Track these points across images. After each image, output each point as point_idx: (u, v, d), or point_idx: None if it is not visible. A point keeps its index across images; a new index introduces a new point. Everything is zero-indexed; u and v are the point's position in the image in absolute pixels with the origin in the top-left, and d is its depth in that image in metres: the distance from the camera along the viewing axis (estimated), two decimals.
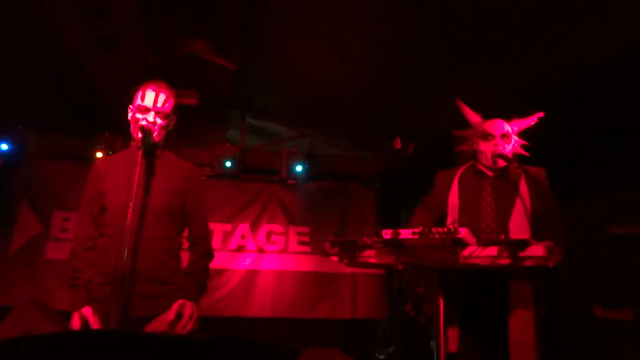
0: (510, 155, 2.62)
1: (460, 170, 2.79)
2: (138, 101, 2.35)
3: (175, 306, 2.22)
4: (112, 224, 2.23)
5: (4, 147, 5.62)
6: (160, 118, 2.33)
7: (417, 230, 1.95)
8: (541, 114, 2.72)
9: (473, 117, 2.80)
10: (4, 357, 0.88)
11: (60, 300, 5.24)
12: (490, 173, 2.68)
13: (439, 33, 4.10)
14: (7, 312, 4.41)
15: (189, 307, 2.24)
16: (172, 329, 2.19)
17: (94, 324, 2.15)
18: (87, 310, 2.18)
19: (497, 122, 2.71)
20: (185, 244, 2.45)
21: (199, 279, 2.37)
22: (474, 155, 2.76)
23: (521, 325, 2.32)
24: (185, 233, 2.47)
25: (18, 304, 4.63)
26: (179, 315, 2.21)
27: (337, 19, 4.32)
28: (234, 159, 6.05)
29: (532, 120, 2.74)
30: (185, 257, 2.44)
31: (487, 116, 2.78)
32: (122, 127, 2.53)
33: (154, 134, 2.29)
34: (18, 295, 5.25)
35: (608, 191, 3.86)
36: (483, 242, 1.91)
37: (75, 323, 2.18)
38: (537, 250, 1.84)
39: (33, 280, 5.49)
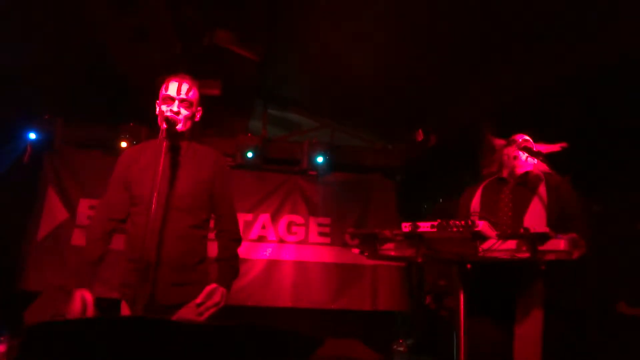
0: (534, 150, 2.63)
1: (485, 182, 2.88)
2: (162, 92, 2.39)
3: (206, 289, 2.28)
4: (139, 212, 2.27)
5: (32, 136, 5.75)
6: (185, 108, 2.36)
7: (435, 223, 1.95)
8: (565, 144, 2.75)
9: (498, 142, 2.93)
10: (33, 339, 0.92)
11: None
12: (511, 180, 2.75)
13: (466, 27, 4.05)
14: (36, 297, 4.55)
15: (218, 294, 2.29)
16: (198, 311, 2.24)
17: (90, 311, 2.16)
18: (88, 295, 2.20)
19: (520, 134, 2.82)
20: (212, 232, 2.49)
21: (232, 264, 2.42)
22: (498, 171, 2.88)
23: (528, 320, 2.33)
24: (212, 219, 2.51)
25: (46, 289, 4.77)
26: (207, 298, 2.26)
27: (363, 9, 4.29)
28: (255, 150, 6.09)
29: (555, 147, 2.77)
30: (212, 245, 2.47)
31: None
32: (146, 117, 2.56)
33: (178, 125, 2.32)
34: (46, 281, 5.40)
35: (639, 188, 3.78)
36: (502, 236, 1.90)
37: (76, 303, 2.16)
38: (558, 244, 1.82)
39: (60, 267, 5.61)
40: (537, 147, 2.74)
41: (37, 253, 5.67)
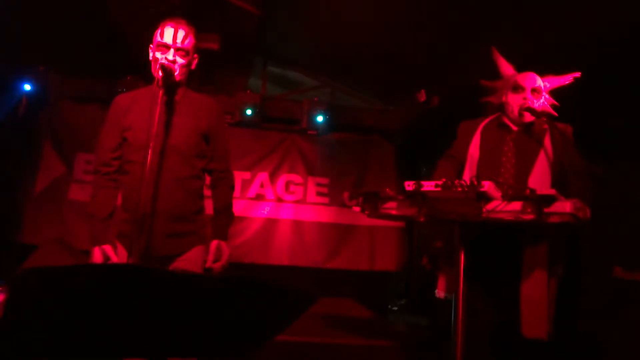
0: (538, 110, 2.50)
1: (485, 122, 2.68)
2: (157, 38, 2.28)
3: (212, 247, 2.31)
4: (136, 161, 2.21)
5: (27, 87, 5.65)
6: (180, 56, 2.28)
7: (440, 182, 1.91)
8: (578, 74, 2.57)
9: (506, 68, 2.67)
10: (26, 286, 0.90)
11: (84, 240, 5.35)
12: (514, 127, 2.58)
13: None
14: (33, 250, 4.56)
15: (225, 248, 2.34)
16: (213, 271, 2.28)
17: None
18: (108, 248, 2.22)
19: (530, 75, 2.57)
20: (208, 178, 2.47)
21: (229, 214, 2.45)
22: (500, 107, 2.65)
23: (534, 282, 2.30)
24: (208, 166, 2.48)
25: (43, 242, 4.78)
26: (217, 256, 2.31)
27: None
28: (254, 107, 6.01)
29: (567, 79, 2.59)
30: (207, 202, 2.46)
31: (520, 69, 2.66)
32: (144, 70, 2.49)
33: (175, 73, 2.25)
34: (44, 234, 5.42)
35: None
36: (507, 197, 1.86)
37: (97, 259, 2.20)
38: (564, 206, 1.78)
39: (57, 220, 5.64)
40: (546, 80, 2.58)
41: (34, 206, 5.68)
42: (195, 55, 2.38)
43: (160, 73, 2.18)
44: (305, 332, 3.51)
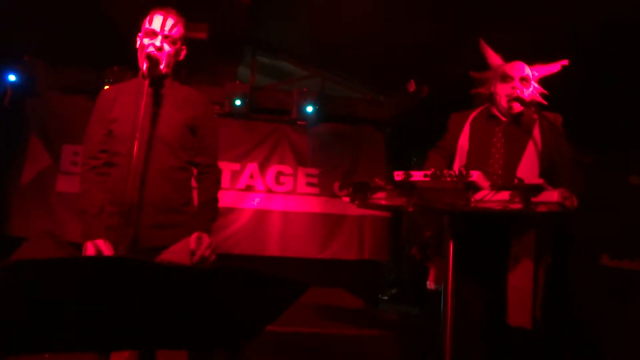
0: (527, 100, 2.51)
1: (474, 114, 2.69)
2: (145, 25, 2.25)
3: (193, 237, 2.25)
4: (122, 153, 2.18)
5: (12, 78, 5.56)
6: (168, 44, 2.25)
7: (428, 172, 1.91)
8: (565, 62, 2.58)
9: (494, 58, 2.67)
10: (14, 278, 0.89)
11: (72, 232, 5.37)
12: (503, 118, 2.59)
13: None
14: (20, 242, 4.52)
15: (206, 238, 2.27)
16: (193, 259, 2.22)
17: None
18: (101, 242, 2.19)
19: (518, 64, 2.58)
20: (194, 171, 2.43)
21: (213, 208, 2.39)
22: (490, 98, 2.66)
23: (520, 272, 2.33)
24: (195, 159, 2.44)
25: (32, 234, 4.75)
26: (198, 246, 2.24)
27: None
28: (243, 98, 5.97)
29: (555, 67, 2.60)
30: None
31: (509, 59, 2.67)
32: (131, 61, 2.45)
33: (162, 64, 2.22)
34: (32, 226, 5.38)
35: (633, 141, 3.76)
36: (496, 187, 1.87)
37: (90, 254, 2.16)
38: (551, 195, 1.80)
39: (45, 212, 5.59)
40: (534, 69, 2.58)
41: (21, 198, 5.62)
42: (184, 47, 2.36)
43: (146, 63, 2.15)
44: (296, 322, 3.52)
